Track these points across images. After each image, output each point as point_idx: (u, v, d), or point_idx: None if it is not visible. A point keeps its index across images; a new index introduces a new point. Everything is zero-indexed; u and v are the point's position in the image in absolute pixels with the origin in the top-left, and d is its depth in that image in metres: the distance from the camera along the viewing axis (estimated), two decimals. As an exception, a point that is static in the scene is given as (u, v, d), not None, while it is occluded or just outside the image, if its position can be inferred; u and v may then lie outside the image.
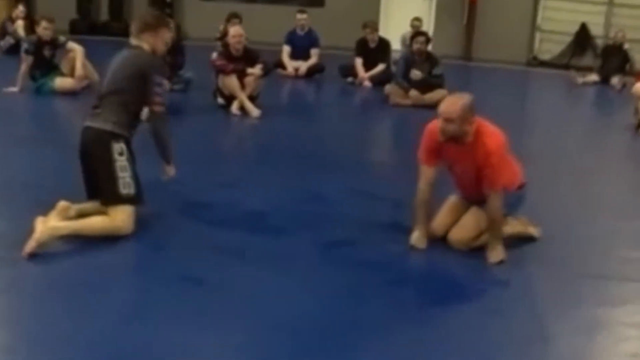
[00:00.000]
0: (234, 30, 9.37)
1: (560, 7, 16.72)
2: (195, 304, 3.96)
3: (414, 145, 8.39)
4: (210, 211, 5.35)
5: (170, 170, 5.17)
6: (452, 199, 5.16)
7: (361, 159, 7.80)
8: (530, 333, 3.87)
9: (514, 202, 4.97)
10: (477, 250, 4.86)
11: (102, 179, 4.82)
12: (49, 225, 4.54)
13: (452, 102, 4.72)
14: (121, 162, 4.81)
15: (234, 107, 9.02)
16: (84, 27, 15.60)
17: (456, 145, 4.75)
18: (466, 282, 4.62)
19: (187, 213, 5.34)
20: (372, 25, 12.26)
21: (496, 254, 4.76)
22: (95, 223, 4.73)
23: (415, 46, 10.41)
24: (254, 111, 8.96)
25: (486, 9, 16.55)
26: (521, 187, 5.00)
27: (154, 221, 5.09)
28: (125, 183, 4.80)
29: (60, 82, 9.55)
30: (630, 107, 10.61)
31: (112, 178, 4.78)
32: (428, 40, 10.47)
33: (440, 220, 5.07)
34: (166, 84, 5.27)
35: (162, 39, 5.08)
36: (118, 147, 4.81)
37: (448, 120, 4.64)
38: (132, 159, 4.91)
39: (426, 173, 4.96)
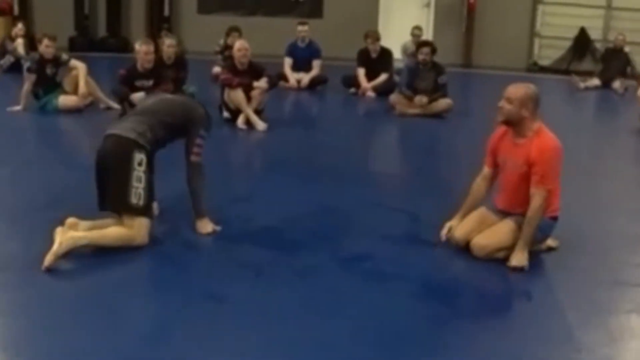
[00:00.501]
0: (240, 43, 9.32)
1: (558, 12, 16.70)
2: (216, 323, 3.93)
3: (424, 155, 8.52)
4: (226, 227, 5.28)
5: (204, 226, 5.15)
6: (481, 210, 5.12)
7: (373, 170, 7.78)
8: (562, 344, 3.83)
9: (545, 229, 4.94)
10: (497, 262, 4.81)
11: (115, 185, 4.80)
12: (68, 235, 4.54)
13: (517, 85, 4.90)
14: (138, 172, 4.81)
15: (240, 121, 8.98)
16: (83, 43, 15.59)
17: (513, 141, 4.88)
18: (490, 294, 4.60)
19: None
20: (374, 35, 12.22)
21: (520, 258, 4.73)
22: (112, 233, 4.78)
23: (421, 57, 10.38)
24: (261, 125, 8.93)
25: (485, 16, 16.54)
26: (555, 218, 4.97)
27: (170, 237, 5.07)
28: (136, 193, 4.79)
29: (64, 100, 9.51)
30: (634, 111, 10.61)
31: (125, 186, 4.77)
32: (434, 51, 10.44)
33: (463, 225, 5.05)
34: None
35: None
36: (139, 157, 4.82)
37: (508, 99, 4.81)
38: (150, 171, 4.90)
39: (484, 171, 5.19)
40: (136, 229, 4.76)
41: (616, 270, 4.97)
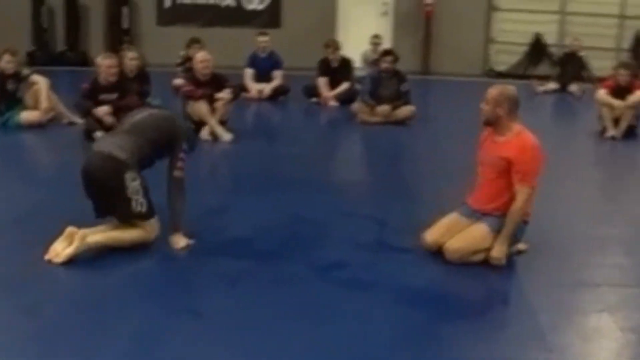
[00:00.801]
0: (201, 55, 9.34)
1: (513, 18, 16.94)
2: (195, 335, 3.94)
3: (389, 162, 8.61)
4: (200, 239, 5.30)
5: (178, 241, 5.15)
6: (452, 215, 5.22)
7: (340, 179, 7.85)
8: (535, 345, 3.93)
9: (518, 233, 5.08)
10: (469, 265, 4.91)
11: (115, 202, 4.99)
12: (86, 241, 4.82)
13: (495, 86, 5.13)
14: (134, 186, 4.95)
15: (205, 133, 8.99)
16: (42, 58, 15.44)
17: (493, 139, 5.08)
18: (464, 297, 4.69)
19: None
20: (334, 44, 12.30)
21: (500, 250, 4.89)
22: (128, 235, 5.03)
23: (384, 65, 10.49)
24: (226, 136, 8.95)
25: (442, 23, 16.72)
26: (526, 222, 5.12)
27: (144, 252, 5.06)
28: (138, 203, 4.99)
29: (26, 116, 9.42)
30: (592, 113, 10.81)
31: (126, 201, 4.96)
32: (396, 59, 10.55)
33: (435, 230, 5.16)
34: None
35: None
36: (131, 175, 4.94)
37: (486, 100, 5.04)
38: (143, 181, 5.05)
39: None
40: (149, 231, 5.09)
41: (582, 272, 5.11)
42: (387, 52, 10.81)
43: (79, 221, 4.99)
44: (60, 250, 4.82)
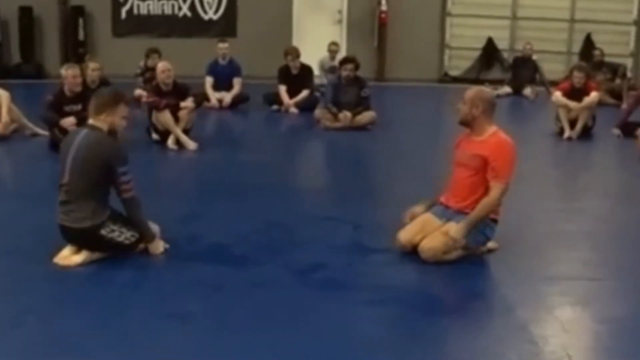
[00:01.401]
0: (162, 65, 9.36)
1: (465, 23, 17.20)
2: (178, 340, 3.98)
3: (354, 166, 8.72)
4: (175, 246, 5.33)
5: (156, 247, 5.19)
6: (425, 215, 5.34)
7: (308, 184, 7.94)
8: (517, 338, 4.05)
9: (488, 232, 5.23)
10: (444, 265, 5.02)
11: (110, 251, 5.06)
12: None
13: (471, 88, 5.32)
14: (113, 231, 5.00)
15: (170, 142, 9.01)
16: (-4, 71, 15.33)
17: (470, 139, 5.23)
18: (441, 295, 4.82)
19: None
20: (294, 52, 12.38)
21: (458, 229, 5.01)
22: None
23: (344, 73, 10.60)
24: (191, 144, 8.99)
25: (396, 30, 16.89)
26: (496, 220, 5.26)
27: (123, 261, 5.07)
28: (127, 237, 5.06)
29: (-13, 129, 9.36)
30: (547, 116, 11.09)
31: (116, 245, 5.02)
32: (357, 67, 10.67)
33: (408, 230, 5.28)
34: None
35: (119, 116, 5.09)
36: (106, 229, 4.97)
37: (463, 101, 5.22)
38: (117, 217, 5.05)
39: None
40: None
41: (553, 267, 5.26)
42: (348, 60, 10.89)
43: (51, 233, 5.02)
44: (69, 254, 4.96)
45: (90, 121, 5.09)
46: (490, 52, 17.25)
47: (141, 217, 5.11)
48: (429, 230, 5.18)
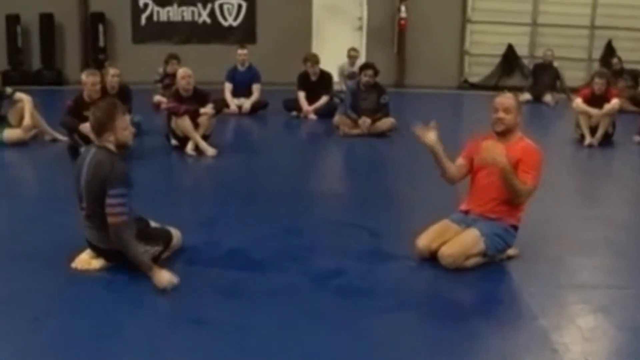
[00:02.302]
0: (183, 71, 9.37)
1: (486, 30, 17.15)
2: (200, 345, 3.98)
3: (373, 173, 8.69)
4: (195, 251, 5.35)
5: (158, 279, 4.68)
6: (443, 221, 5.30)
7: (326, 190, 7.91)
8: (539, 345, 4.01)
9: (508, 239, 5.20)
10: (464, 272, 4.98)
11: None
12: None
13: (507, 97, 5.28)
14: (144, 249, 4.88)
15: (189, 148, 9.02)
16: (17, 77, 15.33)
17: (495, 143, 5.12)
18: (461, 301, 4.77)
19: (172, 254, 5.29)
20: (313, 58, 12.38)
21: (504, 159, 4.94)
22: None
23: (364, 79, 10.59)
24: (210, 150, 8.99)
25: (415, 36, 16.86)
26: (516, 227, 5.24)
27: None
28: (152, 253, 4.96)
29: (9, 134, 9.40)
30: (568, 122, 11.02)
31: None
32: (376, 73, 10.66)
33: (426, 236, 5.24)
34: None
35: (122, 128, 4.87)
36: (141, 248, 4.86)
37: (506, 110, 5.17)
38: (142, 234, 4.94)
39: (458, 160, 5.50)
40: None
41: (575, 274, 5.21)
42: (367, 66, 10.88)
43: (70, 237, 5.03)
44: (88, 258, 4.95)
45: (96, 142, 4.91)
46: (510, 59, 17.19)
47: (129, 248, 4.73)
48: (447, 237, 5.15)
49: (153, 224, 5.28)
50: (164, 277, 4.66)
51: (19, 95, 9.54)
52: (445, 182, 5.53)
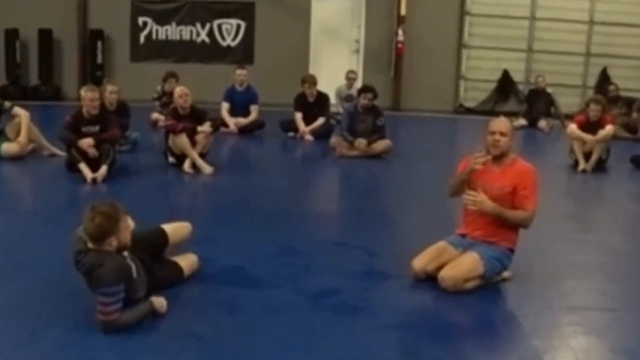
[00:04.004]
0: (180, 89, 9.44)
1: (482, 55, 17.28)
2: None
3: (369, 194, 8.74)
4: (192, 268, 5.38)
5: (162, 305, 4.59)
6: (440, 243, 5.35)
7: (322, 210, 7.97)
8: (532, 366, 4.05)
9: (504, 261, 5.27)
10: (459, 293, 5.03)
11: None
12: None
13: (502, 121, 5.39)
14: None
15: (186, 166, 9.07)
16: (15, 92, 15.42)
17: (490, 169, 5.23)
18: (457, 323, 4.82)
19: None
20: (311, 79, 12.46)
21: (490, 203, 5.11)
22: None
23: (363, 101, 10.67)
24: (207, 168, 9.04)
25: (412, 61, 16.98)
26: (512, 250, 5.31)
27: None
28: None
29: (6, 148, 9.44)
30: (562, 148, 11.10)
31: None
32: (375, 97, 10.75)
33: (423, 256, 5.29)
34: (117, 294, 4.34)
35: (125, 228, 4.51)
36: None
37: (502, 134, 5.23)
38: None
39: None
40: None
41: (568, 297, 5.26)
42: (367, 89, 10.94)
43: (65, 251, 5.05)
44: None
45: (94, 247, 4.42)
46: (505, 84, 17.33)
47: (128, 324, 4.37)
48: (444, 259, 5.20)
49: (166, 227, 5.23)
50: (162, 303, 4.59)
51: (17, 110, 9.59)
52: (449, 196, 5.66)
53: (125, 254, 4.52)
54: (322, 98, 12.47)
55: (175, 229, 5.30)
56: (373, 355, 4.17)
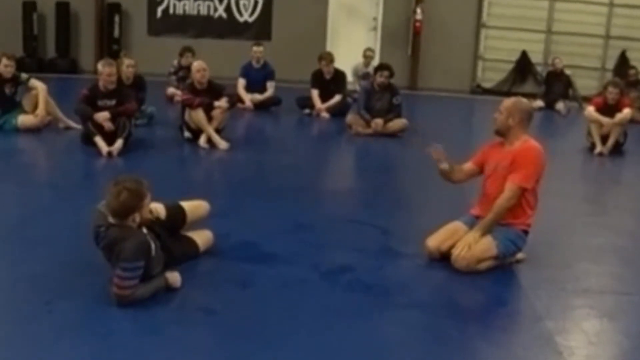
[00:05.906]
0: (198, 64, 9.43)
1: (501, 35, 17.18)
2: (207, 333, 4.06)
3: (384, 172, 8.74)
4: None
5: (175, 280, 4.59)
6: (455, 222, 5.35)
7: (338, 187, 7.99)
8: (543, 348, 4.04)
9: (518, 242, 5.23)
10: (473, 274, 5.03)
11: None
12: None
13: (510, 98, 5.34)
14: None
15: (202, 140, 9.08)
16: (32, 64, 15.44)
17: (501, 149, 5.25)
18: (469, 302, 4.82)
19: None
20: (328, 57, 12.43)
21: (473, 235, 5.07)
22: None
23: (380, 79, 10.64)
24: (222, 144, 9.04)
25: (430, 40, 16.91)
26: (527, 231, 5.27)
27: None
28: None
29: (23, 120, 9.47)
30: (580, 131, 11.03)
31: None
32: (392, 75, 10.71)
33: (437, 235, 5.30)
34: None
35: (147, 205, 4.50)
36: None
37: (499, 110, 5.26)
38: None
39: (467, 164, 5.60)
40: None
41: (582, 280, 5.24)
42: (384, 67, 10.91)
43: (82, 223, 5.07)
44: None
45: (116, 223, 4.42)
46: (524, 66, 17.23)
47: (142, 297, 4.35)
48: (457, 239, 5.19)
49: (185, 204, 5.23)
50: (176, 278, 4.59)
51: (34, 82, 9.60)
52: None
53: (145, 230, 4.54)
54: (339, 75, 12.43)
55: (194, 207, 5.31)
56: (384, 334, 4.17)
